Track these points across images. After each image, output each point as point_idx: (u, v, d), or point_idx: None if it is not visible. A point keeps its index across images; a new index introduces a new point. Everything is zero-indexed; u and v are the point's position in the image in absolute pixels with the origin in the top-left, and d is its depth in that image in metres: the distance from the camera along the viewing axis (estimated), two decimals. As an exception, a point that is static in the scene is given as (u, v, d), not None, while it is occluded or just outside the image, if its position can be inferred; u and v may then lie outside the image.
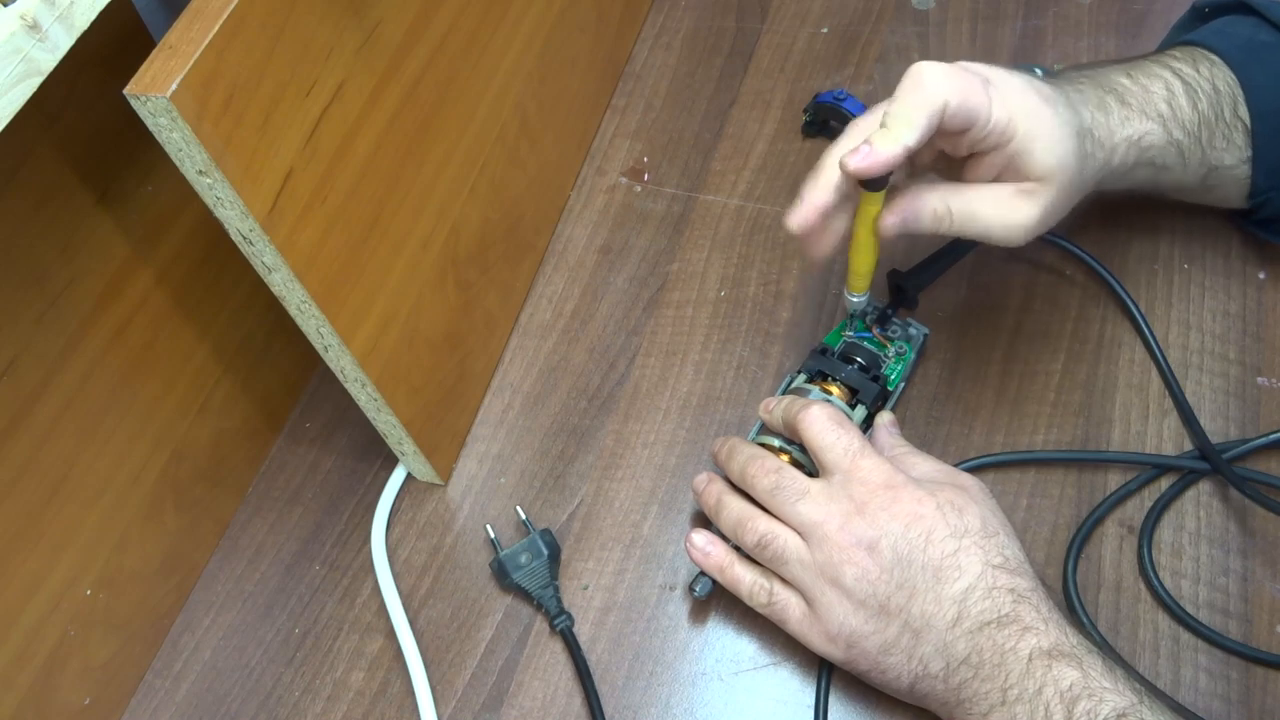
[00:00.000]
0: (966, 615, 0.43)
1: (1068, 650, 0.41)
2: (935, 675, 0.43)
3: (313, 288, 0.44)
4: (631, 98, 0.74)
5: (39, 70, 0.35)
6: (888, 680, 0.45)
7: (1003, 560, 0.44)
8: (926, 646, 0.43)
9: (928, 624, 0.43)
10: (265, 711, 0.53)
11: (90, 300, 0.47)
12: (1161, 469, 0.53)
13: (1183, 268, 0.60)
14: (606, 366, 0.62)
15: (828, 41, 0.75)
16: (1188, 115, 0.51)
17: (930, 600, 0.43)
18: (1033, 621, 0.42)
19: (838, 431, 0.47)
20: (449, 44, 0.52)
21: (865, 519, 0.45)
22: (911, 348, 0.57)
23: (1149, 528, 0.51)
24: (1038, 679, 0.41)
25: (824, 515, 0.46)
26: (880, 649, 0.44)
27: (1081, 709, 0.39)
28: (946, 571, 0.44)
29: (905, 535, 0.44)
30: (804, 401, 0.50)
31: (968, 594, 0.43)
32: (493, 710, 0.51)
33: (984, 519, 0.45)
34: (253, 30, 0.38)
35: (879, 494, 0.45)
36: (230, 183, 0.38)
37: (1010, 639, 0.42)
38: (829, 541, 0.45)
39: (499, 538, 0.55)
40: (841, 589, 0.45)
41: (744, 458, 0.50)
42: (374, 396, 0.51)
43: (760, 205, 0.67)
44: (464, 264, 0.57)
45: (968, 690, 0.42)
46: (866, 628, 0.44)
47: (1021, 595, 0.43)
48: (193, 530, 0.57)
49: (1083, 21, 0.73)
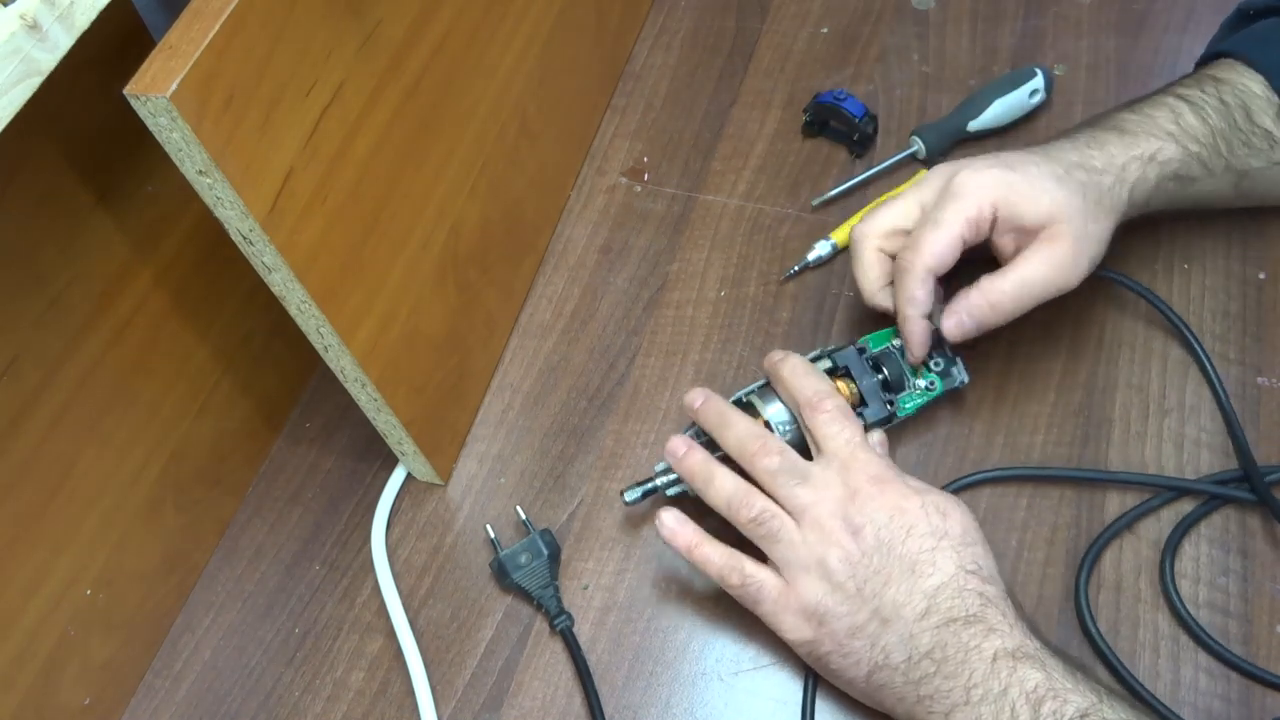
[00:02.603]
0: (935, 610, 0.44)
1: (1031, 653, 0.42)
2: (895, 667, 0.44)
3: (313, 288, 0.44)
4: (631, 98, 0.74)
5: (39, 70, 0.35)
6: (846, 666, 0.46)
7: (976, 568, 0.45)
8: (891, 636, 0.44)
9: (897, 613, 0.44)
10: (265, 711, 0.53)
11: (90, 300, 0.47)
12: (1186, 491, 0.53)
13: (1183, 268, 0.60)
14: (606, 366, 0.62)
15: (828, 41, 0.75)
16: (1199, 130, 0.54)
17: (903, 590, 0.45)
18: (998, 624, 0.43)
19: (843, 423, 0.49)
20: (449, 44, 0.52)
21: (855, 505, 0.47)
22: (942, 388, 0.55)
23: (1172, 546, 0.51)
24: (1003, 679, 0.42)
25: (818, 499, 0.47)
26: (848, 631, 0.45)
27: (1047, 709, 0.40)
28: (922, 566, 0.45)
29: (889, 525, 0.46)
30: (817, 388, 0.50)
31: (939, 590, 0.44)
32: (493, 710, 0.51)
33: (964, 529, 0.46)
34: (253, 30, 0.38)
35: (870, 485, 0.47)
36: (230, 183, 0.38)
37: (975, 638, 0.43)
38: (819, 524, 0.47)
39: (499, 538, 0.55)
40: (824, 569, 0.46)
41: (742, 432, 0.50)
42: (374, 396, 0.51)
43: (760, 205, 0.67)
44: (464, 264, 0.57)
45: (928, 686, 0.43)
46: (840, 608, 0.45)
47: (989, 600, 0.44)
48: (193, 530, 0.57)
49: (1083, 21, 0.73)
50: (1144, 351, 0.58)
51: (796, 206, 0.67)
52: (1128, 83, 0.69)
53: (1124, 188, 0.52)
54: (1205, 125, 0.54)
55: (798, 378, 0.51)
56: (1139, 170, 0.52)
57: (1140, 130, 0.53)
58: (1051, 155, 0.52)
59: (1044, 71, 0.67)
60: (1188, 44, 0.70)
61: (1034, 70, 0.67)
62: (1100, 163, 0.52)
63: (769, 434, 0.50)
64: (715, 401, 0.52)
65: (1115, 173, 0.52)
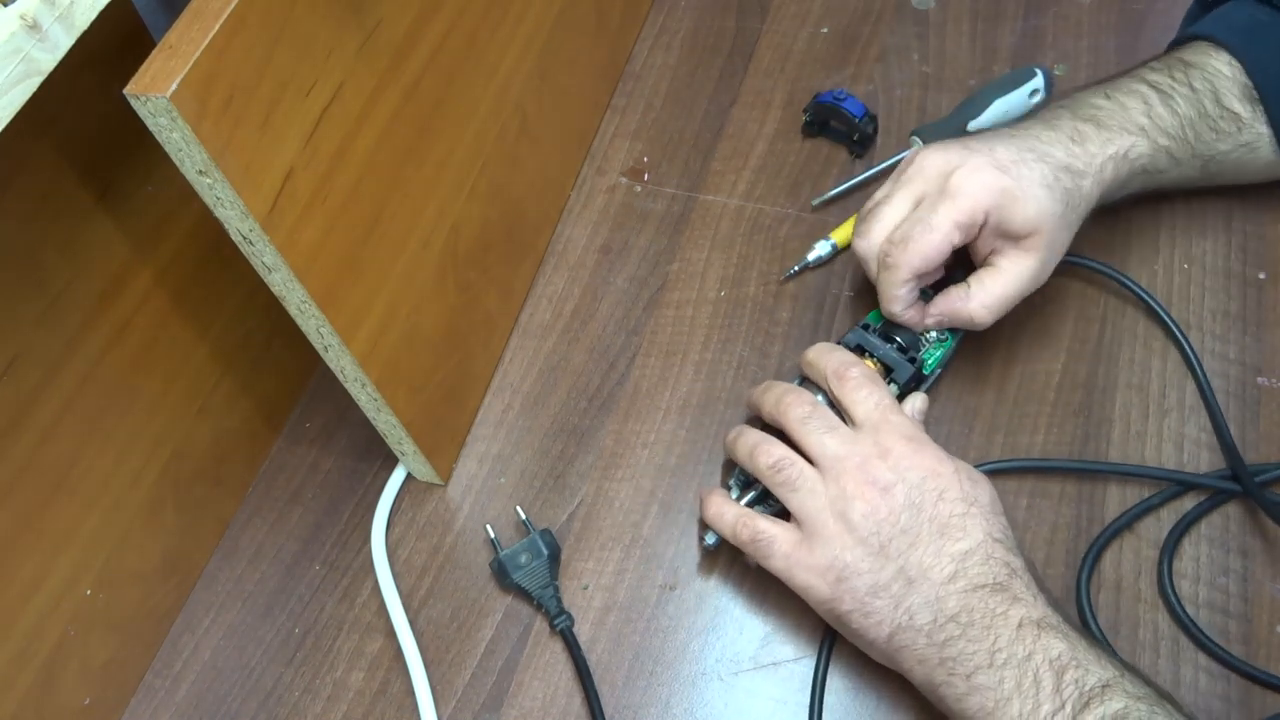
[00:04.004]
0: (963, 574, 0.44)
1: (1055, 624, 0.43)
2: (919, 628, 0.44)
3: (313, 288, 0.44)
4: (631, 98, 0.74)
5: (39, 70, 0.35)
6: (868, 626, 0.46)
7: (1003, 537, 0.46)
8: (917, 597, 0.44)
9: (924, 574, 0.45)
10: (265, 711, 0.53)
11: (90, 300, 0.47)
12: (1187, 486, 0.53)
13: (1183, 268, 0.60)
14: (606, 366, 0.62)
15: (828, 41, 0.75)
16: (1168, 121, 0.55)
17: (930, 553, 0.45)
18: (1022, 594, 0.44)
19: (871, 388, 0.50)
20: (449, 44, 0.52)
21: (886, 463, 0.47)
22: (953, 337, 0.57)
23: (1170, 545, 0.51)
24: (1027, 645, 0.42)
25: (847, 451, 0.48)
26: (870, 590, 0.45)
27: (1070, 677, 0.41)
28: (952, 530, 0.45)
29: (921, 486, 0.46)
30: (842, 358, 0.52)
31: (967, 556, 0.45)
32: (493, 710, 0.51)
33: (992, 500, 0.47)
34: (253, 30, 0.38)
35: (902, 445, 0.48)
36: (230, 183, 0.38)
37: (1001, 605, 0.43)
38: (846, 476, 0.47)
39: (499, 538, 0.55)
40: (846, 523, 0.46)
41: (780, 390, 0.52)
42: (374, 396, 0.51)
43: (760, 205, 0.67)
44: (464, 264, 0.57)
45: (952, 649, 0.43)
46: (862, 565, 0.46)
47: (1015, 571, 0.45)
48: (193, 530, 0.57)
49: (1083, 21, 0.73)
50: (1144, 351, 0.58)
51: (796, 206, 0.67)
52: (1128, 83, 0.69)
53: (1097, 188, 0.53)
54: (1175, 117, 0.55)
55: (822, 354, 0.53)
56: (1113, 170, 0.54)
57: (1114, 124, 0.54)
58: (1041, 153, 0.52)
59: (1044, 71, 0.67)
60: (1188, 44, 0.70)
61: (1034, 70, 0.67)
62: (1082, 163, 0.53)
63: (804, 390, 0.51)
64: (770, 383, 0.54)
65: (1093, 174, 0.53)
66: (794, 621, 0.52)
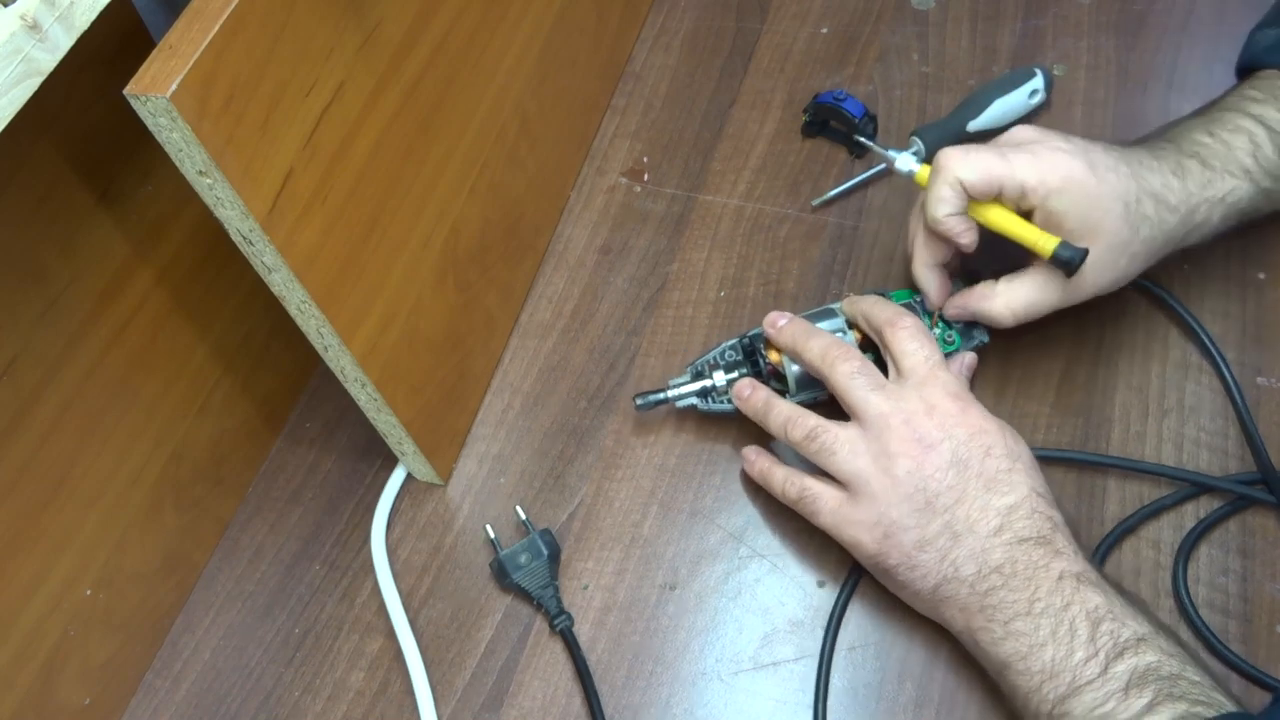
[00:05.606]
0: (1008, 528, 0.45)
1: (1094, 579, 0.44)
2: (964, 579, 0.45)
3: (313, 288, 0.44)
4: (631, 98, 0.74)
5: (39, 70, 0.35)
6: (914, 579, 0.47)
7: (1044, 492, 0.47)
8: (962, 550, 0.46)
9: (970, 529, 0.46)
10: (265, 711, 0.53)
11: (90, 300, 0.47)
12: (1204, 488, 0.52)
13: (1182, 268, 0.60)
14: (606, 366, 0.62)
15: (828, 41, 0.75)
16: (1274, 164, 0.52)
17: (977, 507, 0.46)
18: (1064, 548, 0.45)
19: (922, 340, 0.50)
20: (449, 44, 0.52)
21: (933, 420, 0.47)
22: (960, 342, 0.56)
23: (1186, 548, 0.51)
24: (1066, 596, 0.43)
25: (892, 408, 0.48)
26: (916, 544, 0.46)
27: (1105, 629, 0.42)
28: (998, 485, 0.46)
29: (968, 443, 0.47)
30: (896, 309, 0.52)
31: (1013, 510, 0.46)
32: (493, 710, 0.51)
33: (1032, 457, 0.48)
34: (253, 30, 0.38)
35: (949, 402, 0.48)
36: (230, 183, 0.38)
37: (1044, 558, 0.44)
38: (891, 432, 0.47)
39: (499, 538, 0.55)
40: (892, 478, 0.47)
41: (826, 341, 0.51)
42: (374, 396, 0.51)
43: (760, 205, 0.67)
44: (464, 264, 0.57)
45: (994, 598, 0.44)
46: (908, 520, 0.46)
47: (1057, 525, 0.46)
48: (193, 530, 0.57)
49: (1083, 21, 0.73)
50: (1144, 351, 0.58)
51: (796, 207, 0.67)
52: (1128, 83, 0.69)
53: (1184, 230, 0.51)
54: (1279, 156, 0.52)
55: (876, 304, 0.53)
56: (1206, 213, 0.51)
57: (1218, 164, 0.51)
58: (1137, 173, 0.50)
59: (1044, 72, 0.67)
60: (1187, 44, 0.70)
61: (1034, 70, 0.67)
62: (1175, 198, 0.50)
63: (852, 346, 0.52)
64: (798, 322, 0.54)
65: (1184, 214, 0.51)
66: (794, 621, 0.52)
